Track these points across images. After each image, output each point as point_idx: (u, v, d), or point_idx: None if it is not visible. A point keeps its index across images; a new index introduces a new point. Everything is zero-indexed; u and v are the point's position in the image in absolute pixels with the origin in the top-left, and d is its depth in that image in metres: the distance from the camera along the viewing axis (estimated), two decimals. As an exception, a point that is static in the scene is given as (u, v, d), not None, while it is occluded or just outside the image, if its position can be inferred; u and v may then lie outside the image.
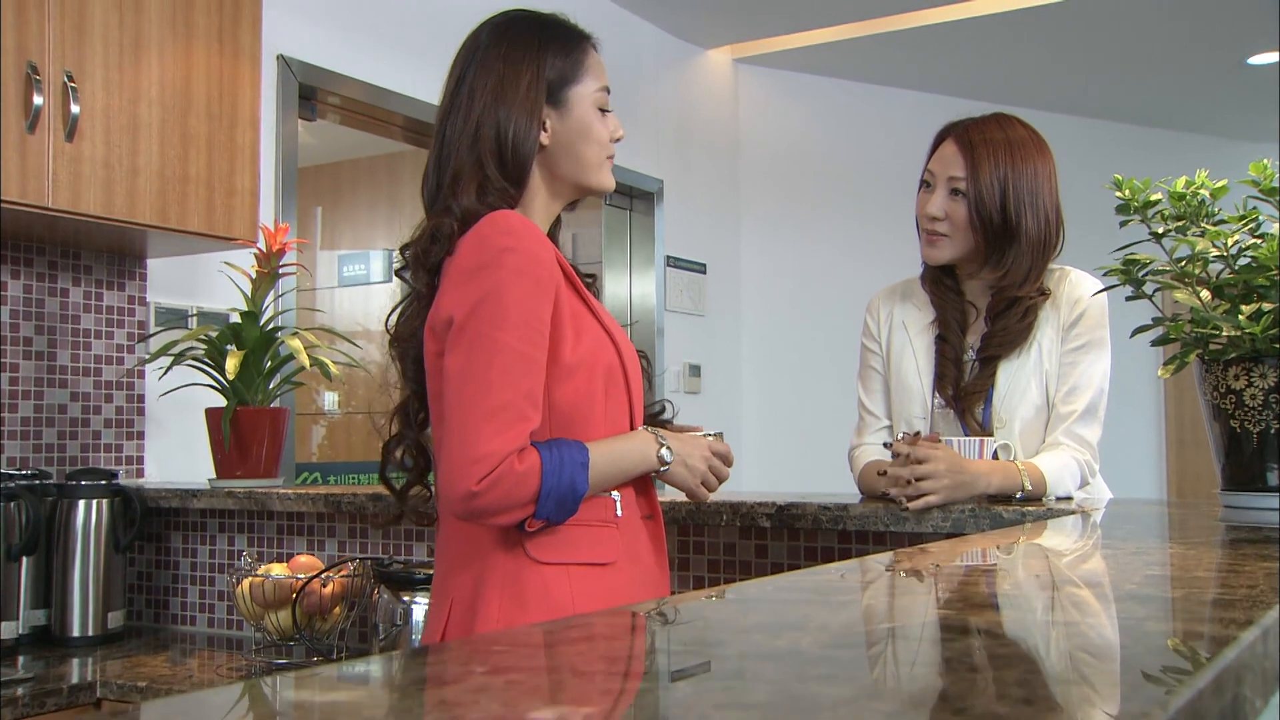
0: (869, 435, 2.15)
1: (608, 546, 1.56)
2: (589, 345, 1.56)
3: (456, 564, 1.57)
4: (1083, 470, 1.94)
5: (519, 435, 1.45)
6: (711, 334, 5.37)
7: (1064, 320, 2.03)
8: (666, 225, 5.11)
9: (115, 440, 2.91)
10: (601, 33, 1.79)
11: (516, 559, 1.51)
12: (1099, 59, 5.49)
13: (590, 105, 1.67)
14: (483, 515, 1.46)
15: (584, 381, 1.54)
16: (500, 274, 1.48)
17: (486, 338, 1.46)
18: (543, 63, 1.64)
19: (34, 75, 2.33)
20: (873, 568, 1.08)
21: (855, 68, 5.54)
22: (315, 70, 3.44)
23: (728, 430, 5.43)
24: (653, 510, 1.66)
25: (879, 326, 2.19)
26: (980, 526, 1.78)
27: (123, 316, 2.91)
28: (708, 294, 5.36)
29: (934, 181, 2.08)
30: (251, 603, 2.22)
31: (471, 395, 1.45)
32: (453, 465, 1.43)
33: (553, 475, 1.45)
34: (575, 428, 1.54)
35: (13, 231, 2.65)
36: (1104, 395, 2.00)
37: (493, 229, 1.51)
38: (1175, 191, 1.72)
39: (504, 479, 1.43)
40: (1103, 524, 1.59)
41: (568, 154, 1.65)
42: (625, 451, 1.57)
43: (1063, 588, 0.90)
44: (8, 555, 2.45)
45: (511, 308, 1.47)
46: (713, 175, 5.47)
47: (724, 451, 1.70)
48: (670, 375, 5.08)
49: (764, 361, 5.60)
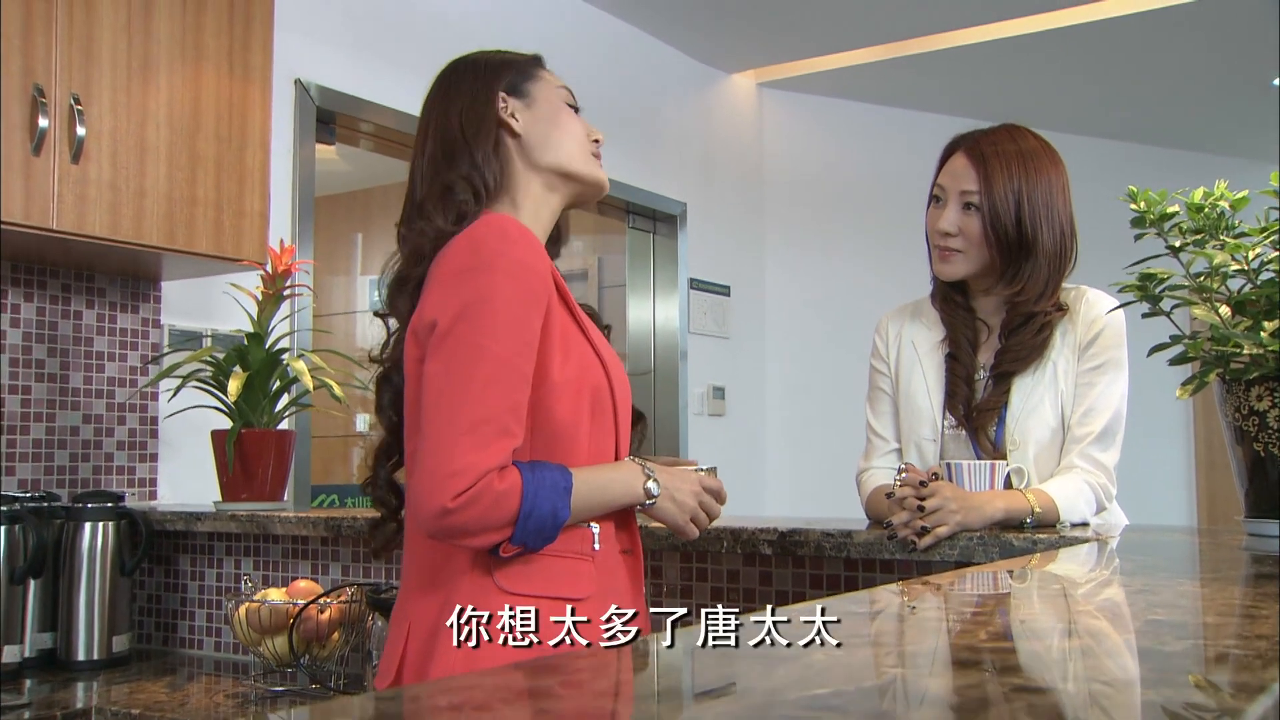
0: (877, 458, 2.03)
1: (581, 581, 1.43)
2: (577, 365, 1.44)
3: (420, 587, 1.45)
4: (1098, 495, 1.81)
5: (501, 451, 1.33)
6: (735, 356, 5.25)
7: (1080, 340, 1.90)
8: (690, 248, 5.01)
9: (128, 462, 2.83)
10: (625, 58, 1.72)
11: (483, 587, 1.39)
12: (1123, 81, 5.34)
13: (556, 99, 1.59)
14: (456, 535, 1.34)
15: (570, 402, 1.43)
16: (491, 278, 1.37)
17: (472, 344, 1.35)
18: (489, 69, 1.58)
19: (40, 98, 2.27)
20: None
21: (878, 91, 5.43)
22: (334, 94, 3.38)
23: (751, 453, 5.30)
24: (632, 545, 1.53)
25: (887, 347, 2.07)
26: (989, 555, 1.65)
27: (136, 339, 2.84)
28: (731, 316, 5.25)
29: (945, 196, 1.96)
30: (248, 628, 2.13)
31: (452, 405, 1.33)
32: (427, 478, 1.32)
33: (534, 498, 1.34)
34: (559, 450, 1.42)
35: (26, 254, 2.59)
36: (1121, 418, 1.87)
37: (487, 231, 1.40)
38: (1193, 203, 1.59)
39: (482, 497, 1.31)
40: (1114, 555, 1.46)
41: (544, 139, 1.56)
42: (610, 481, 1.44)
43: (1042, 639, 0.78)
44: (11, 579, 2.37)
45: (501, 315, 1.36)
46: (737, 198, 5.36)
47: (716, 488, 1.57)
48: (694, 397, 4.97)
49: (789, 384, 5.47)
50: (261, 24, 2.68)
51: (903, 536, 1.68)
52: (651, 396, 4.93)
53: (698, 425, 4.97)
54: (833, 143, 5.64)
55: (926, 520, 1.66)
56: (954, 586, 1.13)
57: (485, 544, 1.36)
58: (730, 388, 5.19)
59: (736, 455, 5.20)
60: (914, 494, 1.68)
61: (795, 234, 5.55)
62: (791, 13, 4.69)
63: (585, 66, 4.47)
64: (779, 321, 5.49)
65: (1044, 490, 1.76)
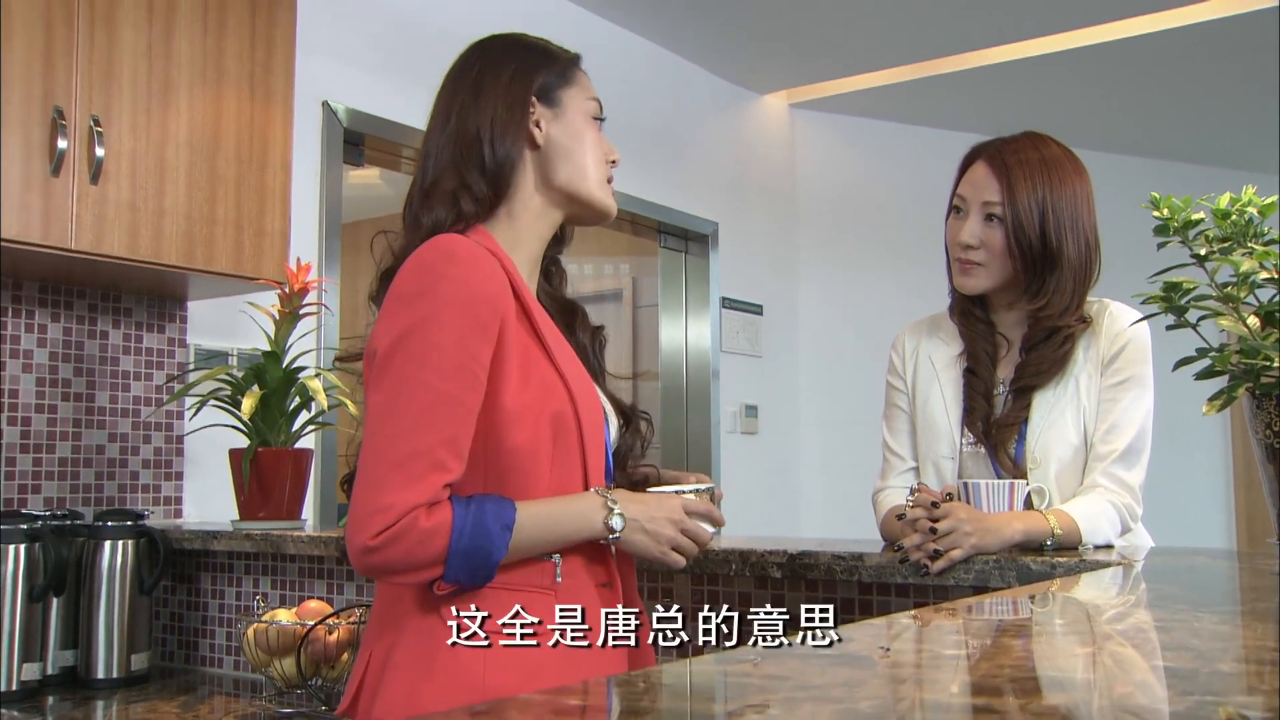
0: (893, 478, 1.91)
1: (540, 615, 1.29)
2: (536, 390, 1.32)
3: (379, 620, 1.36)
4: (1122, 516, 1.68)
5: (429, 487, 1.23)
6: (768, 375, 5.13)
7: (1103, 354, 1.78)
8: (722, 267, 4.91)
9: (153, 481, 2.78)
10: (658, 80, 1.62)
11: (430, 622, 1.29)
12: (1152, 97, 5.18)
13: (584, 112, 1.48)
14: (381, 573, 1.25)
15: (528, 430, 1.31)
16: (431, 304, 1.27)
17: (407, 375, 1.25)
18: (528, 63, 1.46)
19: (60, 120, 2.22)
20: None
21: (910, 110, 5.31)
22: (363, 117, 3.33)
23: (785, 471, 5.18)
24: (611, 578, 1.40)
25: (904, 363, 1.96)
26: (1006, 579, 1.53)
27: (162, 358, 2.80)
28: (764, 335, 5.13)
29: (966, 207, 1.85)
30: (256, 649, 2.05)
31: (383, 439, 1.24)
32: (354, 516, 1.23)
33: (464, 536, 1.23)
34: (514, 482, 1.31)
35: (54, 275, 2.55)
36: (1147, 435, 1.74)
37: (432, 253, 1.30)
38: (1219, 209, 1.47)
39: (405, 535, 1.21)
40: (1133, 581, 1.34)
41: (565, 158, 1.45)
42: (563, 515, 1.32)
43: (1016, 697, 0.66)
44: (30, 597, 2.32)
45: (439, 343, 1.25)
46: (769, 217, 5.26)
47: (703, 511, 1.41)
48: (726, 416, 4.86)
49: (823, 402, 5.34)
50: (283, 47, 2.63)
51: (914, 560, 1.57)
52: (684, 415, 4.83)
53: (730, 443, 4.86)
54: (864, 162, 5.52)
55: (939, 543, 1.54)
56: (956, 618, 1.02)
57: (416, 582, 1.27)
58: (763, 406, 5.08)
59: (770, 474, 5.08)
60: (926, 515, 1.56)
61: (828, 253, 5.43)
62: (821, 34, 4.60)
63: (617, 88, 4.40)
64: (812, 340, 5.37)
65: (1065, 511, 1.64)
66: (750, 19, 4.44)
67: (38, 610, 2.35)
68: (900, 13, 4.36)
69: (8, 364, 2.54)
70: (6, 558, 2.30)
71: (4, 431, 2.53)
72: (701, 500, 1.43)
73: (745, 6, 4.33)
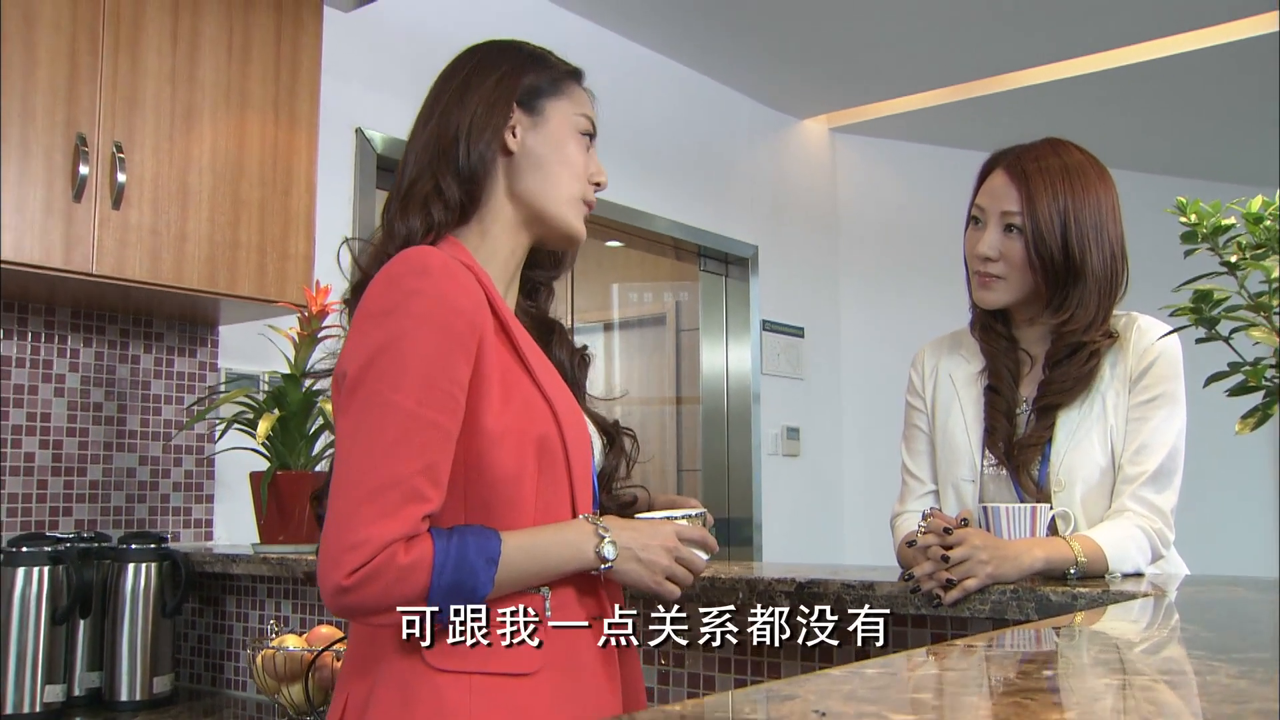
0: (912, 501, 1.77)
1: (527, 654, 1.18)
2: (518, 411, 1.20)
3: (356, 662, 1.24)
4: (1153, 541, 1.53)
5: (408, 519, 1.11)
6: (810, 397, 4.98)
7: (1131, 370, 1.63)
8: (763, 290, 4.78)
9: (184, 504, 2.72)
10: (697, 105, 1.49)
11: (411, 663, 1.16)
12: (1194, 117, 4.96)
13: (569, 125, 1.35)
14: (358, 614, 1.13)
15: (511, 454, 1.19)
16: (403, 322, 1.15)
17: (379, 399, 1.13)
18: (518, 68, 1.34)
19: (82, 147, 2.18)
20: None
21: (951, 133, 5.14)
22: (397, 143, 3.26)
23: (828, 494, 5.03)
24: (603, 611, 1.26)
25: (923, 381, 1.82)
26: (1025, 611, 1.39)
27: (193, 382, 2.74)
28: (806, 358, 4.99)
29: (984, 217, 1.72)
30: (265, 675, 1.97)
31: (355, 469, 1.12)
32: (325, 553, 1.11)
33: (446, 572, 1.11)
34: (498, 511, 1.19)
35: (87, 301, 2.51)
36: (1179, 456, 1.59)
37: (403, 267, 1.18)
38: (1250, 213, 1.32)
39: (382, 573, 1.09)
40: (1157, 617, 1.19)
41: (535, 168, 1.31)
42: (552, 545, 1.19)
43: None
44: (53, 619, 2.26)
45: (412, 363, 1.13)
46: (810, 240, 5.12)
47: (698, 538, 1.28)
48: (767, 438, 4.72)
49: (866, 424, 5.17)
50: (308, 71, 2.57)
51: (927, 590, 1.43)
52: (725, 438, 4.70)
53: (771, 466, 4.71)
54: (906, 185, 5.36)
55: (953, 572, 1.40)
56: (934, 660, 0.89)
57: (395, 622, 1.14)
58: (805, 429, 4.93)
59: (813, 496, 4.92)
60: (939, 542, 1.42)
61: (871, 275, 5.27)
62: (859, 59, 4.48)
63: (657, 114, 4.32)
64: (855, 362, 5.21)
65: (1091, 537, 1.49)
66: (789, 45, 4.34)
67: (61, 633, 2.29)
68: (938, 35, 4.23)
69: (40, 388, 2.50)
70: (30, 580, 2.25)
71: (36, 454, 2.49)
72: (695, 526, 1.30)
73: (784, 32, 4.23)
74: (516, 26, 1.47)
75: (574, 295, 4.27)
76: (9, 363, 2.46)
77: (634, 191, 4.17)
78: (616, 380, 5.00)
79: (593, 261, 4.81)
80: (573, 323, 4.26)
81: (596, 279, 4.99)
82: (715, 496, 4.68)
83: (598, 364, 5.14)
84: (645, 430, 4.84)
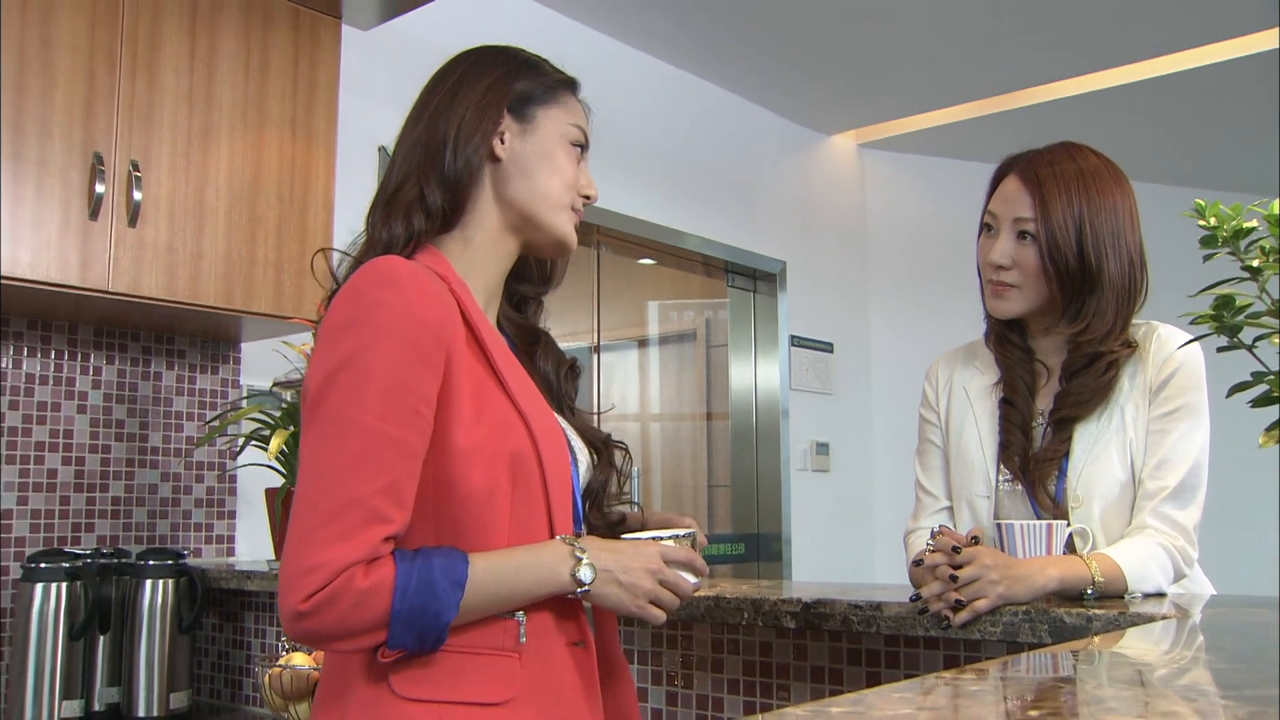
0: (925, 518, 1.69)
1: (500, 681, 1.10)
2: (490, 427, 1.13)
3: (328, 689, 1.16)
4: (1175, 560, 1.43)
5: (367, 541, 1.03)
6: (839, 412, 4.88)
7: (1151, 381, 1.53)
8: (791, 305, 4.69)
9: (206, 519, 2.69)
10: (724, 123, 1.41)
11: (379, 691, 1.09)
12: (1226, 130, 4.82)
13: (559, 134, 1.28)
14: (316, 640, 1.05)
15: (482, 473, 1.11)
16: (366, 334, 1.07)
17: (340, 416, 1.06)
18: (510, 74, 1.28)
19: (99, 165, 2.15)
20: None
21: (978, 147, 5.04)
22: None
23: (858, 509, 4.91)
24: (583, 635, 1.19)
25: (937, 394, 1.73)
26: (1037, 633, 1.30)
27: (215, 399, 2.71)
28: (835, 372, 4.89)
29: (997, 224, 1.63)
30: (272, 694, 1.91)
31: (315, 489, 1.04)
32: (283, 577, 1.04)
33: (408, 596, 1.04)
34: (469, 532, 1.11)
35: (110, 318, 2.49)
36: (1202, 470, 1.48)
37: (369, 279, 1.11)
38: (1273, 215, 1.23)
39: (340, 597, 1.02)
40: (1174, 641, 1.10)
41: (523, 175, 1.25)
42: (524, 568, 1.10)
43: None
44: (70, 635, 2.23)
45: (374, 377, 1.06)
46: (838, 256, 5.03)
47: (684, 559, 1.19)
48: (796, 454, 4.62)
49: (895, 439, 5.05)
50: (326, 90, 2.54)
51: (935, 611, 1.34)
52: (754, 454, 4.62)
53: (801, 481, 4.62)
54: (934, 199, 5.26)
55: (962, 592, 1.31)
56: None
57: (356, 648, 1.07)
58: (835, 444, 4.83)
59: (843, 511, 4.82)
60: (947, 561, 1.34)
61: (900, 290, 5.17)
62: (885, 74, 4.39)
63: (686, 131, 4.26)
64: (885, 377, 5.10)
65: (1109, 555, 1.40)
66: (817, 62, 4.27)
67: (79, 648, 2.26)
68: (965, 51, 4.14)
69: (63, 405, 2.48)
70: (49, 596, 2.22)
71: (59, 470, 2.47)
72: (682, 547, 1.20)
73: (812, 50, 4.16)
74: (543, 45, 1.41)
75: (600, 312, 4.21)
76: (33, 380, 2.44)
77: (664, 209, 4.11)
78: (652, 397, 4.92)
79: (624, 279, 4.75)
80: (599, 340, 4.19)
81: (628, 296, 4.93)
82: (745, 512, 4.59)
83: (631, 381, 5.08)
84: (676, 447, 4.76)
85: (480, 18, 3.39)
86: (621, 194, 3.92)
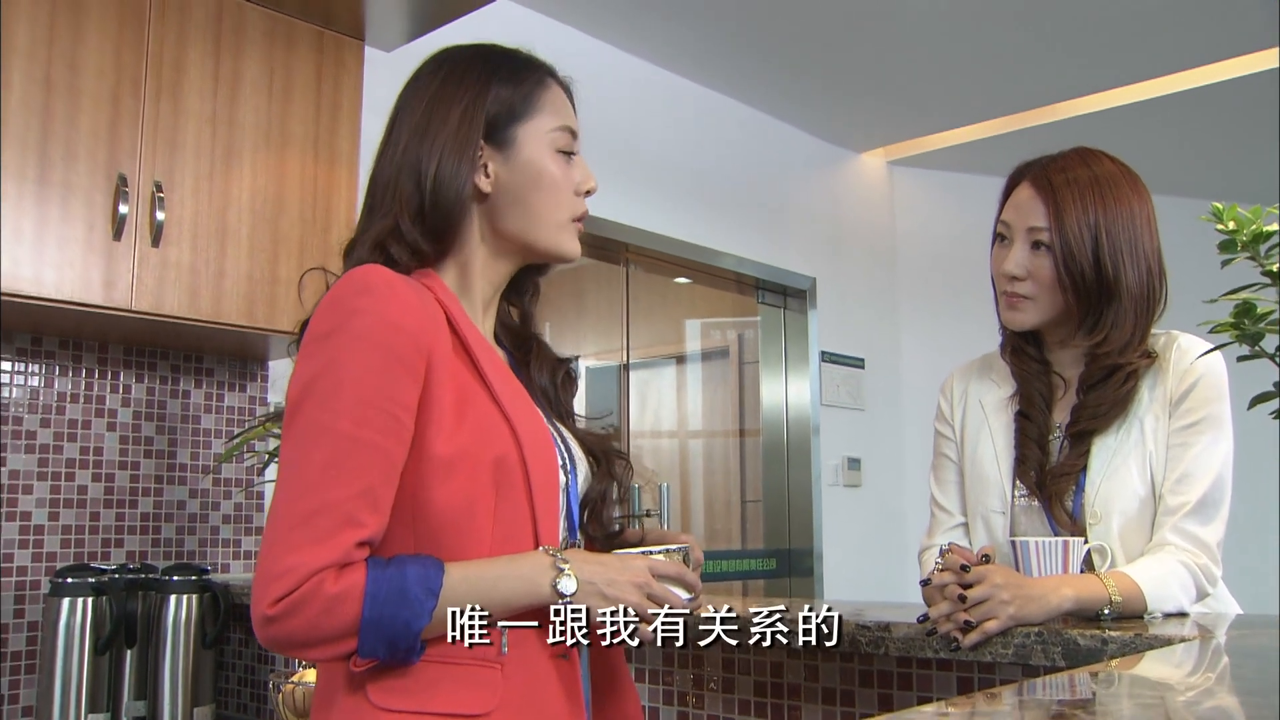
0: (940, 535, 1.61)
1: (481, 693, 1.05)
2: (473, 432, 1.08)
3: (318, 698, 1.12)
4: (1197, 578, 1.34)
5: (338, 546, 0.99)
6: (871, 428, 4.79)
7: (1171, 393, 1.45)
8: (821, 322, 4.61)
9: (234, 535, 2.66)
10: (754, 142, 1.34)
11: (357, 701, 1.05)
12: (1250, 142, 4.68)
13: (544, 146, 1.20)
14: (286, 647, 1.01)
15: (464, 479, 1.06)
16: (343, 342, 1.04)
17: (314, 423, 1.02)
18: (483, 93, 1.19)
19: (123, 186, 2.14)
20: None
21: (1007, 163, 4.85)
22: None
23: (890, 524, 4.80)
24: (568, 648, 1.12)
25: (952, 408, 1.66)
26: (1050, 656, 1.22)
27: (243, 416, 2.69)
28: (866, 388, 4.79)
29: (1010, 234, 1.56)
30: (286, 710, 1.87)
31: (289, 495, 1.01)
32: (255, 582, 1.00)
33: (379, 603, 0.99)
34: (449, 541, 1.06)
35: (139, 338, 2.48)
36: (1225, 485, 1.40)
37: (347, 288, 1.08)
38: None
39: (308, 602, 0.98)
40: (1196, 665, 1.02)
41: (516, 205, 1.18)
42: (502, 578, 1.05)
43: None
44: (96, 649, 2.21)
45: (349, 384, 1.02)
46: (868, 272, 4.94)
47: (673, 574, 1.12)
48: (828, 469, 4.53)
49: (928, 454, 4.93)
50: (349, 110, 2.52)
51: (944, 631, 1.27)
52: (785, 469, 4.53)
53: (832, 496, 4.52)
54: (963, 215, 5.15)
55: (972, 613, 1.24)
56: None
57: (327, 656, 1.02)
58: (866, 459, 4.73)
59: (875, 526, 4.71)
60: (956, 580, 1.26)
61: (931, 305, 5.07)
62: (914, 92, 4.32)
63: (716, 151, 4.21)
64: (916, 393, 5.00)
65: (1128, 574, 1.31)
66: (846, 80, 4.20)
67: (105, 662, 2.24)
68: (993, 67, 4.05)
69: (93, 422, 2.47)
70: (75, 611, 2.20)
71: (89, 487, 2.46)
72: (672, 561, 1.14)
73: (841, 68, 4.09)
74: (568, 65, 1.34)
75: (630, 330, 4.16)
76: (64, 398, 2.43)
77: (695, 227, 4.06)
78: (685, 414, 4.86)
79: (656, 296, 4.70)
80: (628, 358, 4.14)
81: (660, 314, 4.88)
82: (776, 527, 4.51)
83: (665, 398, 4.98)
84: (709, 462, 4.70)
85: (508, 40, 3.36)
86: (653, 212, 3.87)
